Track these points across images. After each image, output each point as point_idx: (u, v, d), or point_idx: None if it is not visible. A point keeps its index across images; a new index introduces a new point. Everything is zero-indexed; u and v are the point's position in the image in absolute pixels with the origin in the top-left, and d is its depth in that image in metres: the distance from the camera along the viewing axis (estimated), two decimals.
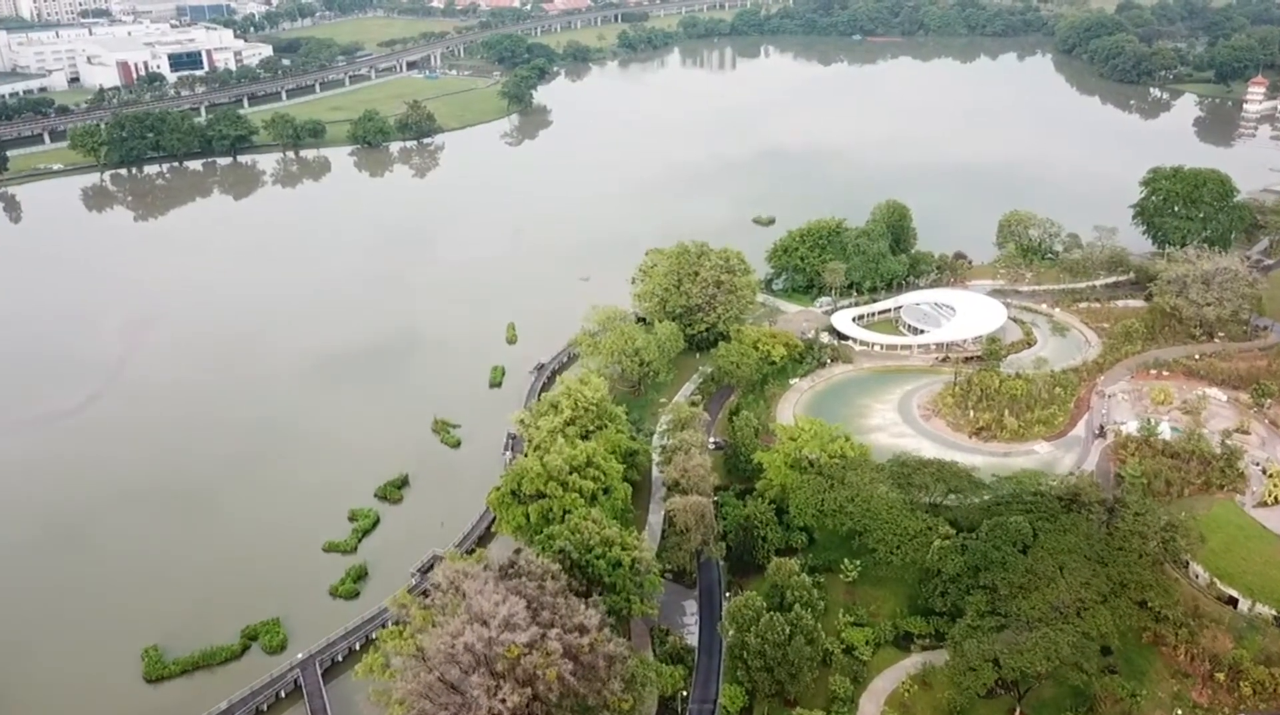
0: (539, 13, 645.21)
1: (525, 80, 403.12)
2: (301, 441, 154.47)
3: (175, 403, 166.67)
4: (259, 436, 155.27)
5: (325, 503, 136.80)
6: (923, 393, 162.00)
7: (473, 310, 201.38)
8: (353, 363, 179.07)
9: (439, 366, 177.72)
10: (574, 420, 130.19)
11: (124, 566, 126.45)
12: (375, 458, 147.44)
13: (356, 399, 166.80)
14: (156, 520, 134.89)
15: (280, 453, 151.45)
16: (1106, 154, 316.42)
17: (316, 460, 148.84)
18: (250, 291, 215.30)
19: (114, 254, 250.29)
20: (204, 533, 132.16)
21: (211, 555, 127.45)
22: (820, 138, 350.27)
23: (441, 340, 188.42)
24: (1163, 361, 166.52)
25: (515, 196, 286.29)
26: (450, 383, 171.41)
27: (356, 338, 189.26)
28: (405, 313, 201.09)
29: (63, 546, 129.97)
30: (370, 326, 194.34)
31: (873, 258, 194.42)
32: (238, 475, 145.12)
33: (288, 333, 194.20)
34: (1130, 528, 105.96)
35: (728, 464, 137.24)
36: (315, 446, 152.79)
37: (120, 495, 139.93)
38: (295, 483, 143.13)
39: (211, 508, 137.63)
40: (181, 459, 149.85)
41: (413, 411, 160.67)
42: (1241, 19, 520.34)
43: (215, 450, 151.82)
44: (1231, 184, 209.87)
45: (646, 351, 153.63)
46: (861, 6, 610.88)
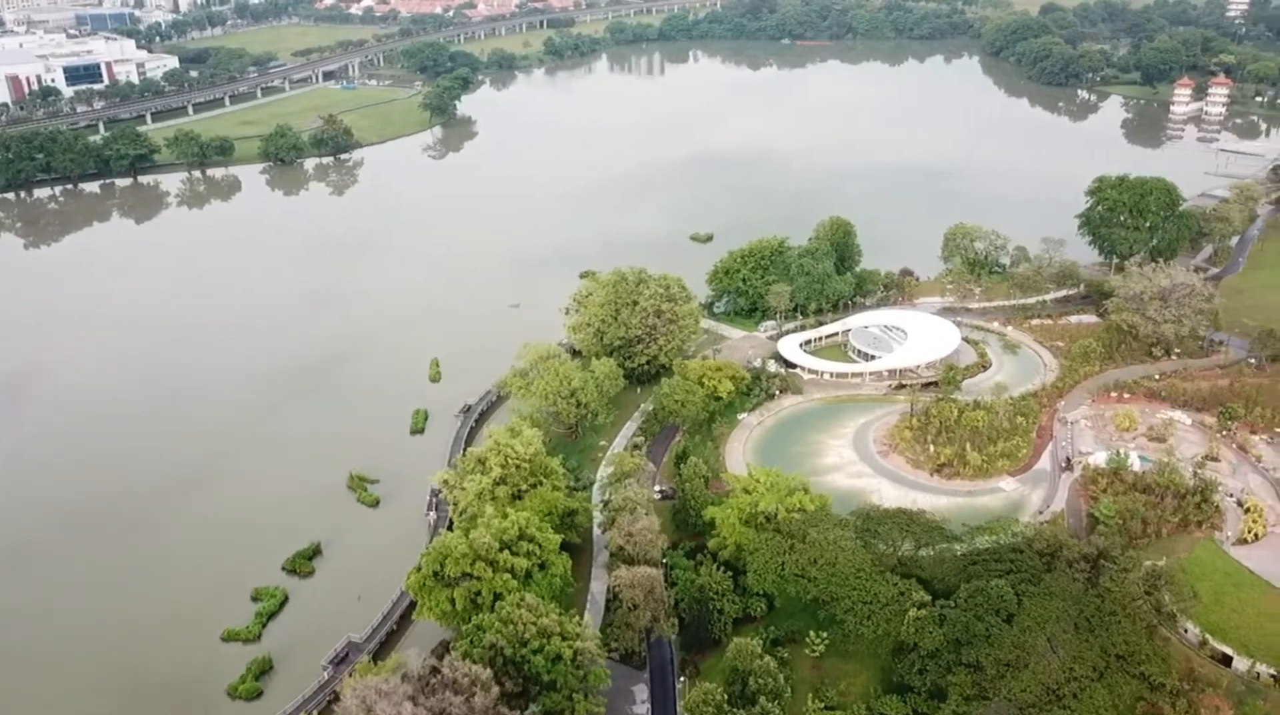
0: (462, 19, 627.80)
1: (448, 90, 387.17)
2: (199, 506, 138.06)
3: (54, 473, 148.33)
4: (149, 504, 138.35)
5: (225, 581, 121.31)
6: (878, 425, 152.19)
7: (392, 345, 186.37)
8: (257, 412, 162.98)
9: (354, 412, 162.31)
10: (504, 479, 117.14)
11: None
12: (283, 523, 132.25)
13: (262, 454, 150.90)
14: (32, 626, 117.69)
15: (174, 521, 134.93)
16: (1043, 157, 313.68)
17: (216, 530, 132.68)
18: (142, 335, 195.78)
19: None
20: (82, 626, 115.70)
21: (90, 652, 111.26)
22: (754, 143, 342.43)
23: (358, 381, 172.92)
24: (1123, 383, 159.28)
25: (439, 215, 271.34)
26: (367, 430, 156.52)
27: (261, 383, 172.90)
28: (317, 350, 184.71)
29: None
30: (277, 368, 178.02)
31: (818, 278, 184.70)
32: (121, 552, 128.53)
33: (186, 377, 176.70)
34: (1120, 589, 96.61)
35: (676, 518, 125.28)
36: (215, 512, 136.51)
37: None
38: (191, 558, 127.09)
39: (90, 594, 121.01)
40: (57, 536, 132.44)
41: (325, 466, 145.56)
42: (1160, 20, 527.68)
43: (94, 523, 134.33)
44: (1177, 192, 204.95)
45: (584, 392, 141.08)
46: (790, 10, 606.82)
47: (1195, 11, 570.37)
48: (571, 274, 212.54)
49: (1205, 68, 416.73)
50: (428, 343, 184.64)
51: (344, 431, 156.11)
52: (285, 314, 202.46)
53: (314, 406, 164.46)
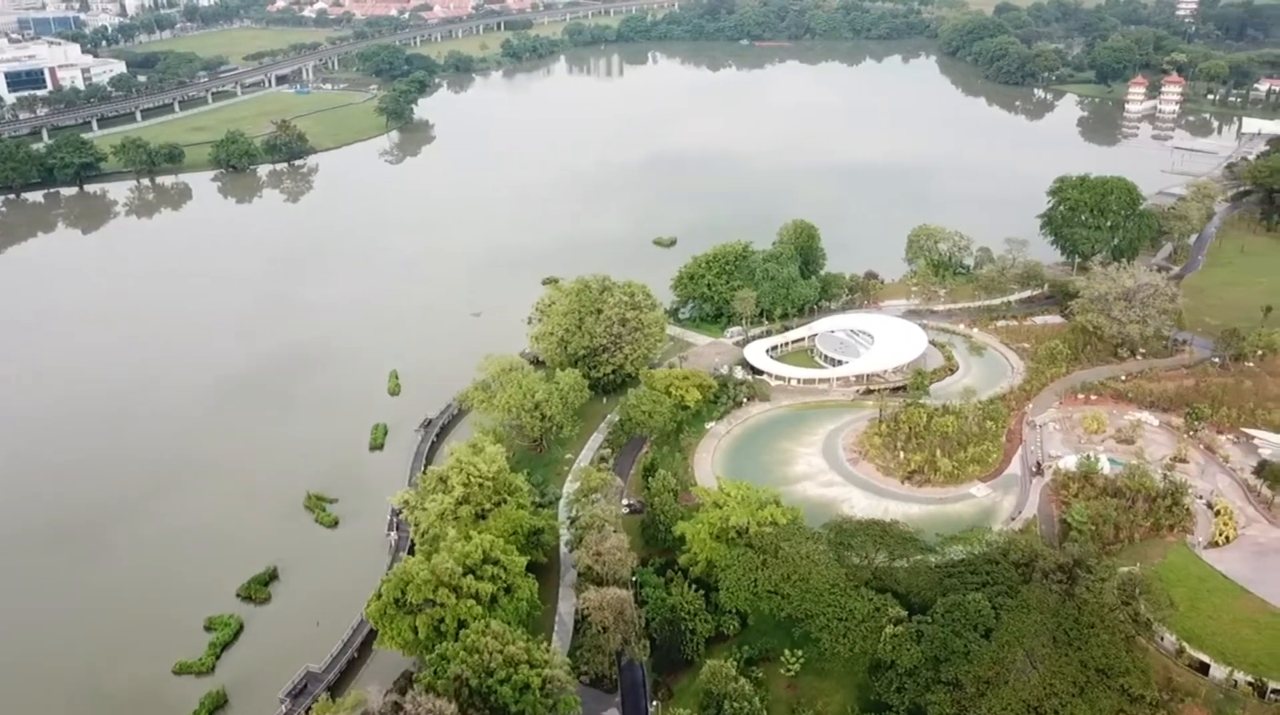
0: (417, 21, 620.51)
1: (405, 94, 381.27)
2: (149, 529, 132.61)
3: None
4: (96, 527, 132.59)
5: (176, 610, 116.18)
6: (847, 432, 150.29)
7: (350, 357, 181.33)
8: (209, 429, 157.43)
9: (311, 427, 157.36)
10: (466, 498, 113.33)
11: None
12: (238, 546, 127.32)
13: (215, 472, 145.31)
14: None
15: (123, 546, 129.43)
16: (1002, 156, 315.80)
17: (167, 555, 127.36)
18: (87, 350, 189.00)
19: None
20: (22, 662, 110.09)
21: (32, 690, 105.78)
22: (715, 144, 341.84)
23: (314, 395, 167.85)
24: (1090, 385, 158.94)
25: (397, 222, 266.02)
26: (325, 446, 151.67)
27: (213, 398, 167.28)
28: (272, 363, 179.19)
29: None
30: (230, 382, 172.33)
31: (783, 283, 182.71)
32: (65, 580, 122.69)
33: (134, 393, 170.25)
34: (1097, 600, 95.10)
35: (645, 533, 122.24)
36: (166, 536, 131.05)
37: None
38: (141, 585, 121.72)
39: (32, 627, 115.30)
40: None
41: (282, 484, 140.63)
42: (1113, 19, 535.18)
43: (35, 549, 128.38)
44: (1137, 192, 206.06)
45: (548, 405, 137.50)
46: (748, 12, 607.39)
47: (1146, 10, 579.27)
48: (534, 280, 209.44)
49: (1158, 66, 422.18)
50: (386, 354, 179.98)
51: (300, 448, 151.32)
52: (238, 326, 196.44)
53: (269, 422, 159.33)
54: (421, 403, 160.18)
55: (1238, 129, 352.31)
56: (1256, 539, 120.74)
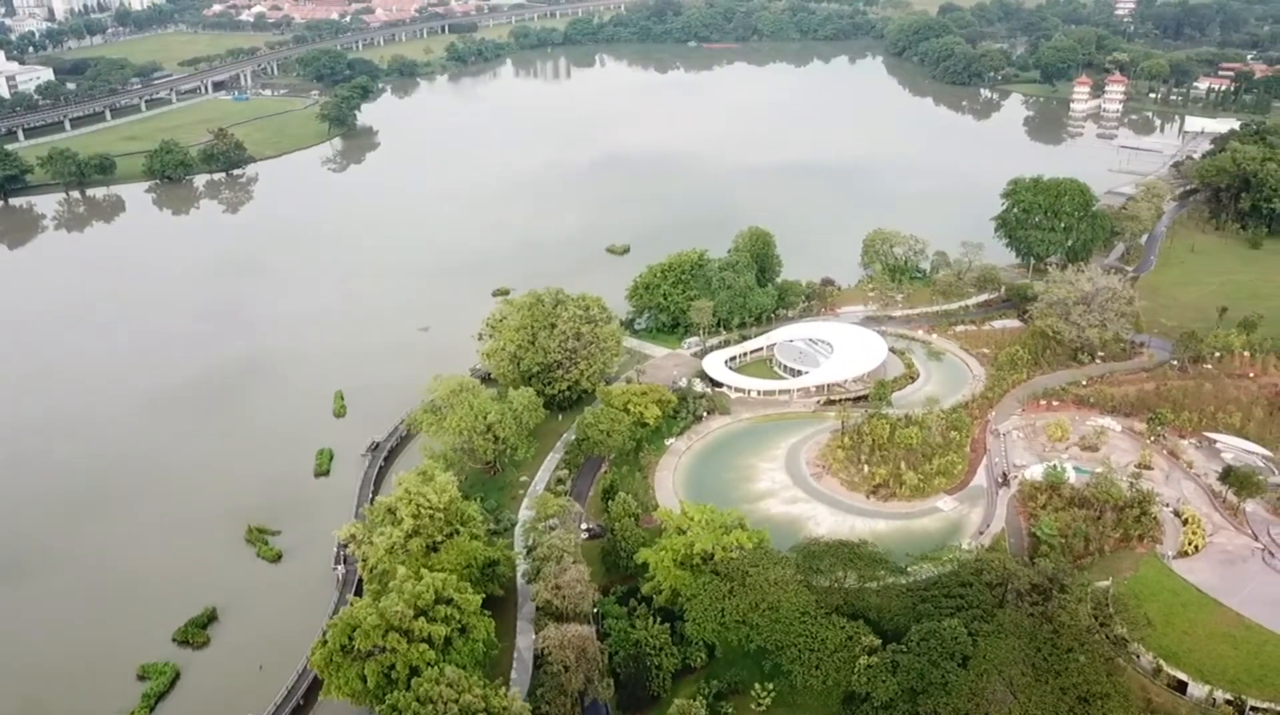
0: (359, 25, 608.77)
1: (347, 100, 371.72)
2: (77, 568, 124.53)
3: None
4: (19, 566, 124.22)
5: (107, 659, 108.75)
6: (810, 445, 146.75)
7: (292, 378, 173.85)
8: (142, 456, 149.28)
9: (252, 454, 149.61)
10: (417, 530, 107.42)
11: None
12: (173, 585, 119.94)
13: (148, 504, 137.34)
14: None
15: (48, 588, 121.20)
16: (952, 155, 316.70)
17: (96, 596, 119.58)
18: (12, 371, 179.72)
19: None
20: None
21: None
22: (666, 146, 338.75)
23: (254, 419, 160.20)
24: (1051, 390, 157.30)
25: (341, 233, 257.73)
26: (267, 473, 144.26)
27: (147, 423, 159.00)
28: (209, 384, 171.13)
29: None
30: (165, 405, 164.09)
31: (740, 292, 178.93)
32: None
33: (61, 417, 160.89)
34: (1075, 622, 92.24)
35: (606, 560, 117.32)
36: (95, 575, 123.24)
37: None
38: (68, 632, 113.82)
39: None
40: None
41: (221, 516, 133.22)
42: (1054, 19, 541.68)
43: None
44: (1090, 193, 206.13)
45: (501, 426, 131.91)
46: (695, 13, 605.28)
47: (1086, 10, 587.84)
48: (484, 292, 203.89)
49: (1100, 65, 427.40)
50: (331, 372, 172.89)
51: (241, 475, 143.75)
52: (173, 344, 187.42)
53: (207, 449, 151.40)
54: (368, 425, 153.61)
55: (1180, 128, 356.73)
56: (1224, 547, 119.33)
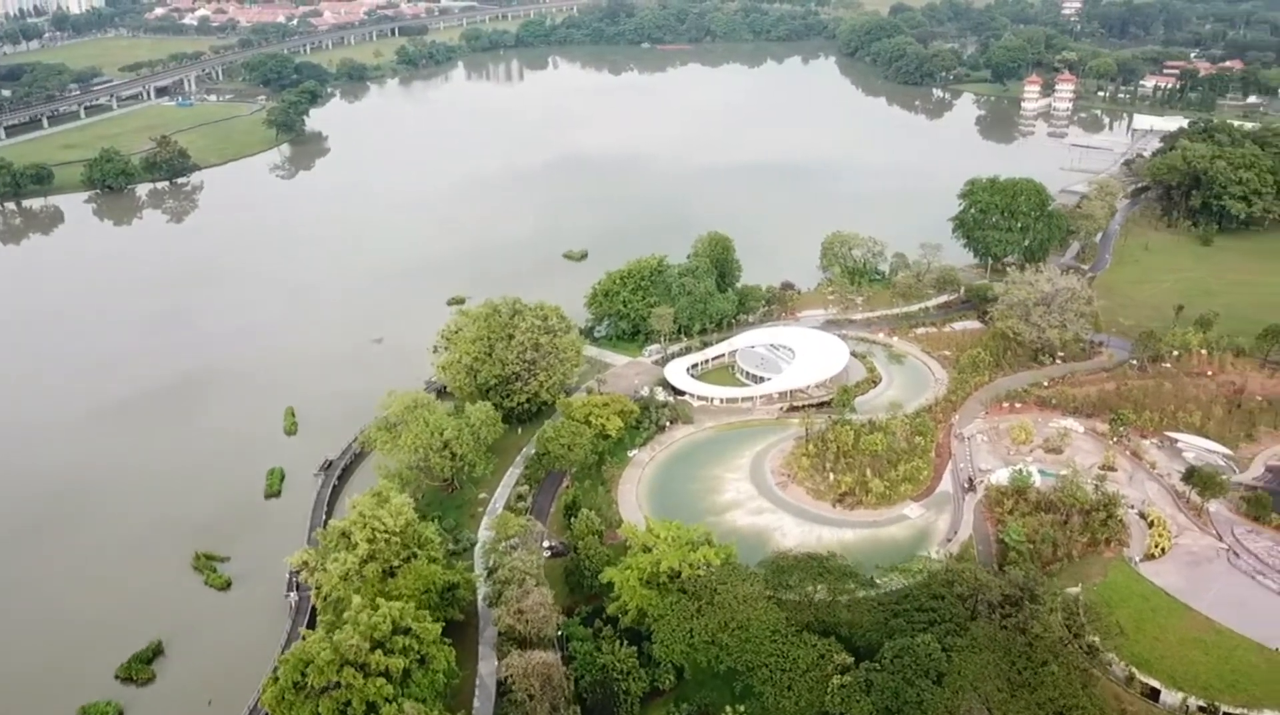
0: (307, 28, 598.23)
1: (295, 105, 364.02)
2: (12, 600, 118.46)
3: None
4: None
5: (44, 700, 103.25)
6: (774, 453, 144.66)
7: (241, 393, 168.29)
8: (83, 479, 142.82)
9: (199, 475, 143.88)
10: (372, 555, 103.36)
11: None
12: (116, 618, 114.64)
13: (90, 530, 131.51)
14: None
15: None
16: (907, 155, 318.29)
17: (34, 631, 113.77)
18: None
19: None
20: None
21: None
22: (621, 149, 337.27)
23: (202, 437, 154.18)
24: (1014, 392, 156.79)
25: (290, 241, 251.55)
26: (215, 495, 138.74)
27: (87, 443, 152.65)
28: (154, 402, 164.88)
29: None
30: (106, 425, 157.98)
31: (700, 298, 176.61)
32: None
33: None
34: (1048, 633, 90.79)
35: (570, 580, 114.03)
36: (33, 608, 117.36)
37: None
38: (1, 671, 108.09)
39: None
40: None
41: (166, 542, 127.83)
42: (1003, 19, 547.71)
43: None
44: (1046, 193, 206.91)
45: (458, 443, 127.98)
46: (648, 15, 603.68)
47: (1033, 10, 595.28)
48: (439, 300, 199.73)
49: (1050, 65, 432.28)
50: (281, 388, 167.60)
51: (187, 499, 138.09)
52: (116, 361, 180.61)
53: (151, 470, 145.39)
54: (321, 442, 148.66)
55: (1128, 125, 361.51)
56: (1190, 548, 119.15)
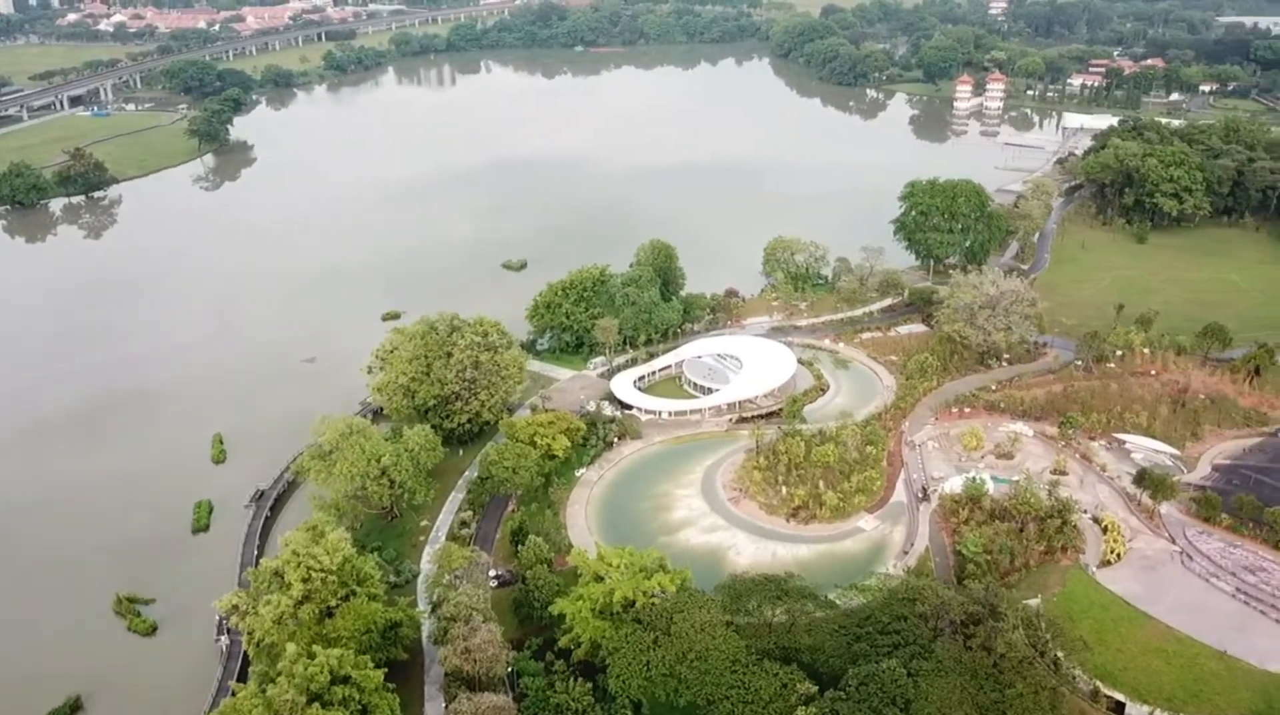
0: (229, 34, 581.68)
1: (218, 113, 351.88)
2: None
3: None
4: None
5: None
6: (725, 467, 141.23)
7: (165, 420, 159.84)
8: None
9: (121, 510, 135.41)
10: (308, 596, 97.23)
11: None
12: (29, 670, 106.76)
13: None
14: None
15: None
16: (844, 155, 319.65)
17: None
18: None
19: None
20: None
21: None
22: (558, 154, 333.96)
23: (125, 467, 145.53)
24: (962, 397, 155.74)
25: (215, 256, 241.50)
26: (138, 533, 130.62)
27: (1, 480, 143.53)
28: (70, 430, 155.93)
29: None
30: (14, 456, 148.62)
31: (644, 308, 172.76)
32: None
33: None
34: (1015, 652, 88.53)
35: (519, 611, 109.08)
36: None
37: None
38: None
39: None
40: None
41: (84, 584, 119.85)
42: (932, 19, 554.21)
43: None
44: (986, 194, 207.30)
45: (396, 469, 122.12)
46: (581, 18, 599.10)
47: (961, 10, 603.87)
48: (373, 315, 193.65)
49: (980, 64, 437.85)
50: (209, 414, 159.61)
51: (108, 536, 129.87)
52: (29, 386, 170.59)
53: (68, 505, 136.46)
54: (252, 470, 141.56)
55: (1058, 123, 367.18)
56: (1144, 552, 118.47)
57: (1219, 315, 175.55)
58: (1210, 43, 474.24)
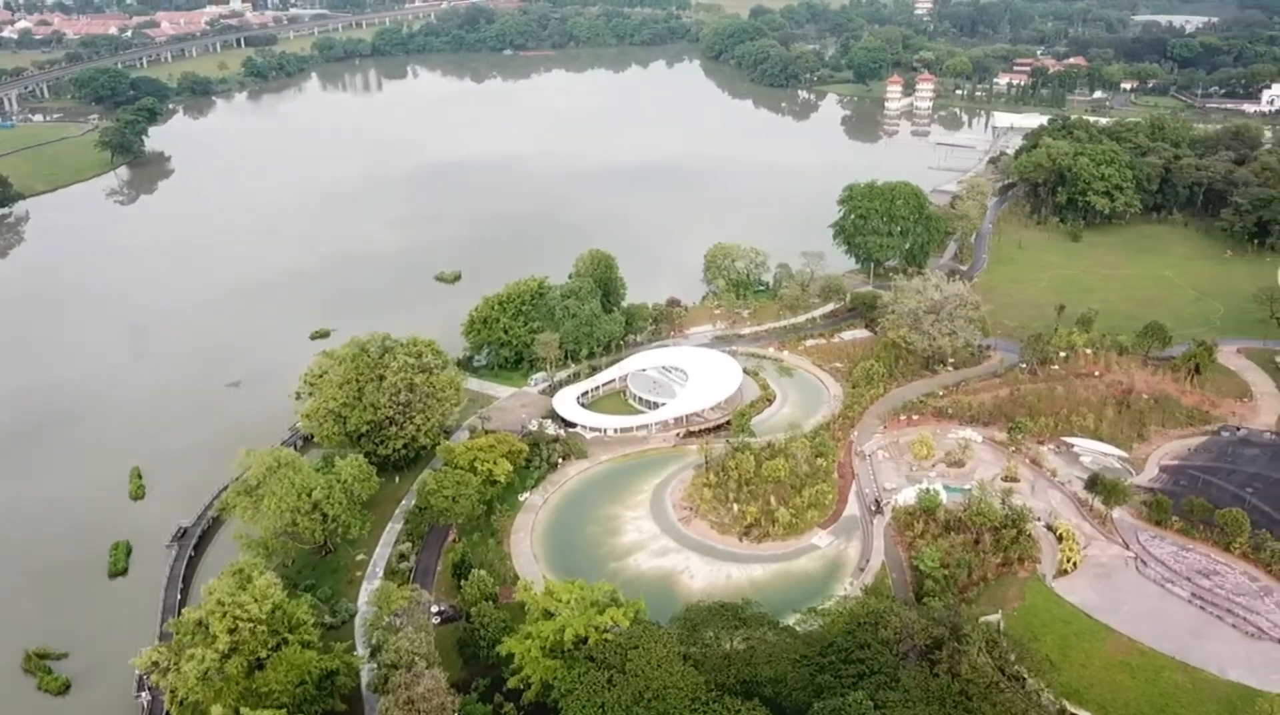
0: (143, 40, 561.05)
1: (131, 124, 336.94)
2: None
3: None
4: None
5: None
6: (675, 485, 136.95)
7: (79, 452, 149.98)
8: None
9: (30, 555, 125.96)
10: (236, 648, 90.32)
11: None
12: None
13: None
14: None
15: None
16: (777, 156, 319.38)
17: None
18: None
19: None
20: None
21: None
22: (489, 160, 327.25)
23: (31, 509, 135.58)
24: (910, 404, 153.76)
25: (131, 274, 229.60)
26: (49, 579, 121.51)
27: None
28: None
29: None
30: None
31: (585, 320, 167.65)
32: None
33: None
34: (981, 677, 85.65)
35: (464, 650, 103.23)
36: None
37: None
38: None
39: None
40: None
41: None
42: (860, 19, 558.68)
43: None
44: (924, 196, 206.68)
45: (329, 503, 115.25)
46: (509, 21, 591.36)
47: (888, 10, 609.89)
48: (302, 334, 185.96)
49: (909, 64, 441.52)
50: (126, 446, 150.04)
51: (16, 584, 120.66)
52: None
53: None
54: (173, 506, 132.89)
55: (986, 122, 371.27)
56: (1098, 559, 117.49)
57: (1155, 312, 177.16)
58: (1129, 41, 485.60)
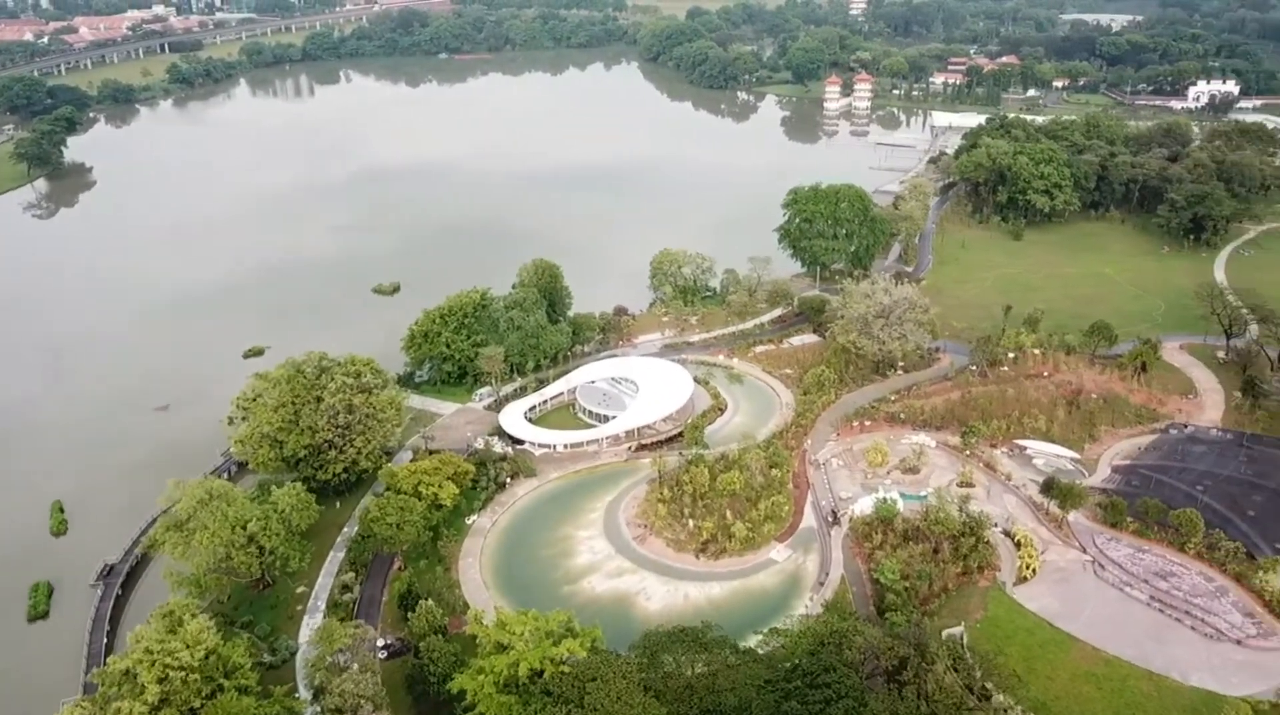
0: (61, 46, 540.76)
1: (49, 134, 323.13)
2: None
3: None
4: None
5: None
6: (628, 501, 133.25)
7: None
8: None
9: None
10: (167, 699, 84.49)
11: None
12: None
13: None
14: None
15: None
16: (719, 156, 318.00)
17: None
18: None
19: None
20: None
21: None
22: (425, 166, 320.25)
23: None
24: (862, 410, 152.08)
25: (49, 292, 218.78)
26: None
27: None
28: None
29: None
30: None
31: (531, 332, 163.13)
32: None
33: None
34: (949, 698, 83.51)
35: (413, 687, 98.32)
36: None
37: None
38: None
39: None
40: None
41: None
42: (796, 20, 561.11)
43: None
44: (868, 198, 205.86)
45: (266, 535, 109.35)
46: (443, 24, 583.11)
47: (823, 11, 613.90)
48: (234, 352, 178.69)
49: (846, 65, 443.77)
50: (45, 478, 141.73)
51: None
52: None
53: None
54: (97, 542, 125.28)
55: (924, 122, 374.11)
56: (1057, 564, 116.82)
57: (1098, 310, 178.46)
58: (1059, 40, 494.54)
